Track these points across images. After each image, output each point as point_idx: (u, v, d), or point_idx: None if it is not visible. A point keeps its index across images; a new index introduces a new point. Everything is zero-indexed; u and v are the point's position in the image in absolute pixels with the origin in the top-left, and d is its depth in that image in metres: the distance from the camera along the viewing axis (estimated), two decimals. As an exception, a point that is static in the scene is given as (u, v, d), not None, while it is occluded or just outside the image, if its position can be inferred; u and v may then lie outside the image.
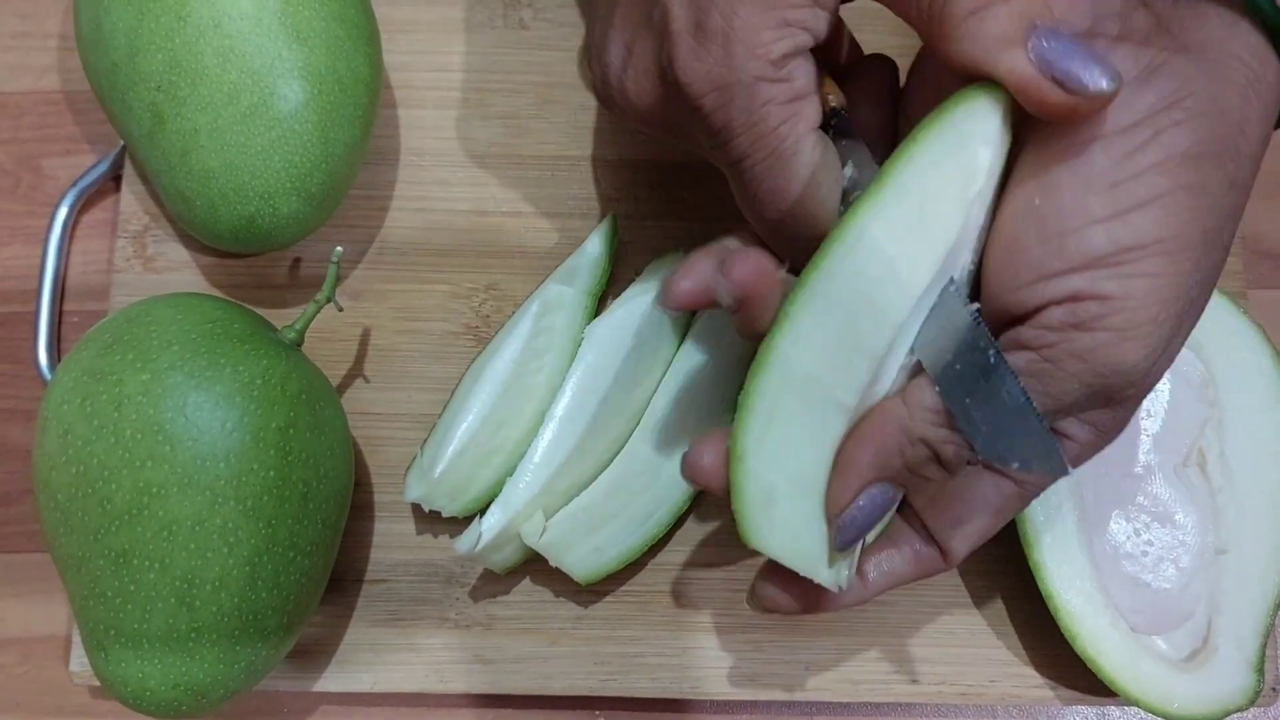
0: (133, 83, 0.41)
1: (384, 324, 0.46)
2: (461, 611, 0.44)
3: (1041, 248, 0.29)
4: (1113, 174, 0.28)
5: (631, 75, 0.34)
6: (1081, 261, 0.28)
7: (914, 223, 0.30)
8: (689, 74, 0.32)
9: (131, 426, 0.37)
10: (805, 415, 0.32)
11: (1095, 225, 0.28)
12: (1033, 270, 0.29)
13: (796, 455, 0.32)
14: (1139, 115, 0.28)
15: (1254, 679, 0.41)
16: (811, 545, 0.32)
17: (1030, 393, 0.29)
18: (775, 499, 0.32)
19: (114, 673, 0.38)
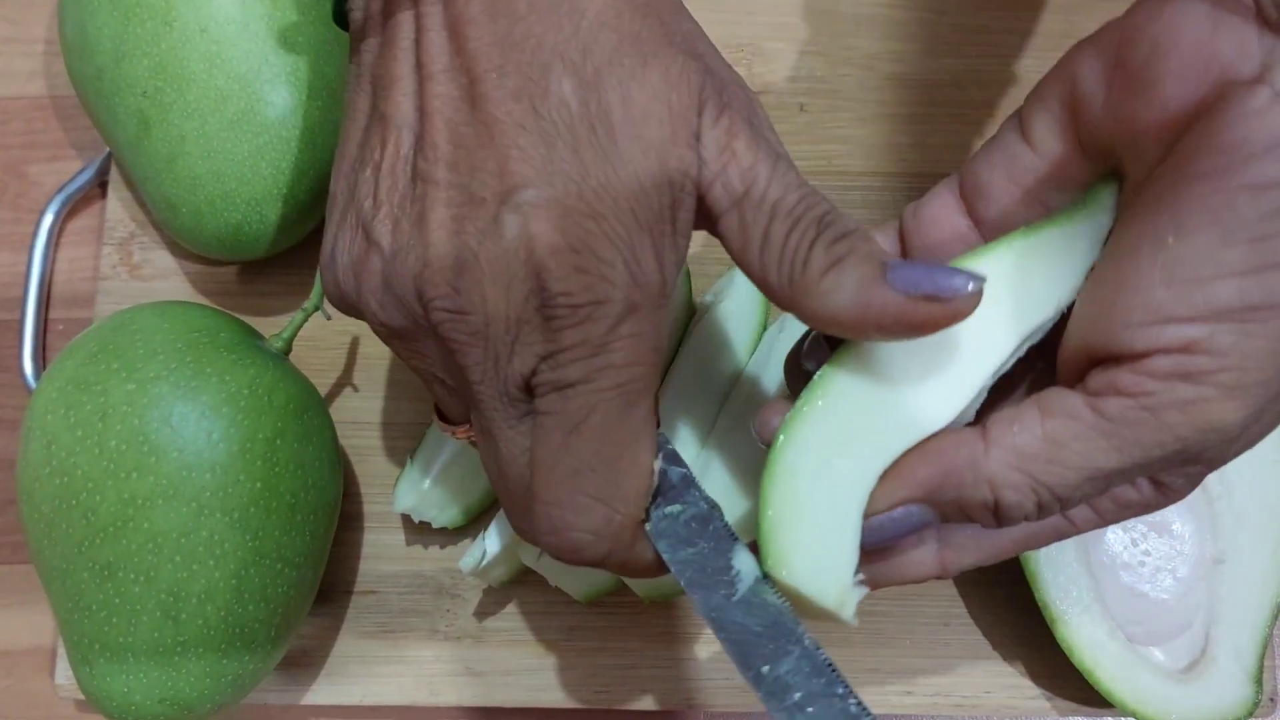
0: (118, 88, 0.40)
1: (372, 332, 0.46)
2: (452, 623, 0.44)
3: (1166, 290, 0.28)
4: (1258, 228, 0.27)
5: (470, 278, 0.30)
6: (1205, 312, 0.27)
7: None
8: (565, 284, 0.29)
9: (116, 437, 0.36)
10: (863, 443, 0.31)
11: (1230, 278, 0.27)
12: (1151, 311, 0.28)
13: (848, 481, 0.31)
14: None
15: (1252, 689, 0.41)
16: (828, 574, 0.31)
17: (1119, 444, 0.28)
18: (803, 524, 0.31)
19: (99, 686, 0.37)
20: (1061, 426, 0.29)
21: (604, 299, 0.29)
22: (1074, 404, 0.29)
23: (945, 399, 0.31)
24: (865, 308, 0.29)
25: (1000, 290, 0.31)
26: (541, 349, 0.30)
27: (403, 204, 0.30)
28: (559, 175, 0.29)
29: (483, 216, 0.29)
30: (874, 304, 0.29)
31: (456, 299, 0.30)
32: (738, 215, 0.30)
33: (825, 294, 0.29)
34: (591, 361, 0.30)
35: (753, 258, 0.30)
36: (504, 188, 0.29)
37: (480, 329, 0.30)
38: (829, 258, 0.29)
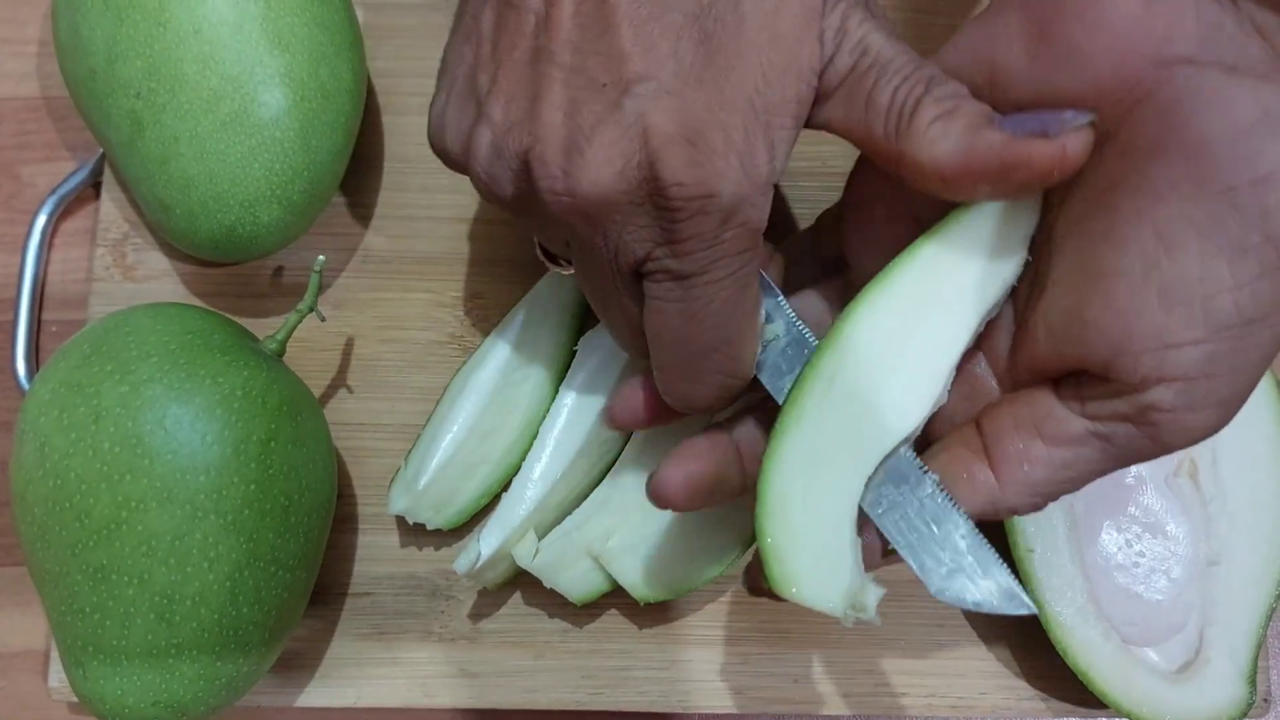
0: (111, 89, 0.40)
1: (367, 333, 0.46)
2: (446, 625, 0.44)
3: (1165, 314, 0.28)
4: (1243, 239, 0.27)
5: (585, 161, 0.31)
6: (1205, 333, 0.27)
7: None
8: (681, 174, 0.30)
9: (110, 439, 0.36)
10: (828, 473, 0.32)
11: (1224, 294, 0.27)
12: (1153, 337, 0.28)
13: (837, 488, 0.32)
14: (1268, 167, 0.27)
15: (1246, 690, 0.41)
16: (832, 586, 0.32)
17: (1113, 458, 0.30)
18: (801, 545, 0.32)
19: (92, 690, 0.37)
20: (1070, 455, 0.30)
21: (714, 192, 0.30)
22: (1078, 431, 0.30)
23: (917, 395, 0.32)
24: (970, 151, 0.29)
25: (950, 274, 0.31)
26: (656, 237, 0.31)
27: (519, 82, 0.31)
28: (681, 67, 0.30)
29: (600, 102, 0.30)
30: (979, 146, 0.29)
31: (566, 181, 0.30)
32: (845, 89, 0.31)
33: (932, 141, 0.29)
34: (707, 254, 0.31)
35: (857, 117, 0.31)
36: (625, 76, 0.30)
37: (589, 212, 0.31)
38: (938, 108, 0.29)
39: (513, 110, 0.31)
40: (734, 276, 0.31)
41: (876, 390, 0.32)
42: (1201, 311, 0.27)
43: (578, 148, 0.30)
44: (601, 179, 0.30)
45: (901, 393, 0.32)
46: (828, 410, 0.32)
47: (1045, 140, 0.28)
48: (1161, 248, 0.28)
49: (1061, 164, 0.28)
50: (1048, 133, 0.28)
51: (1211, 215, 0.27)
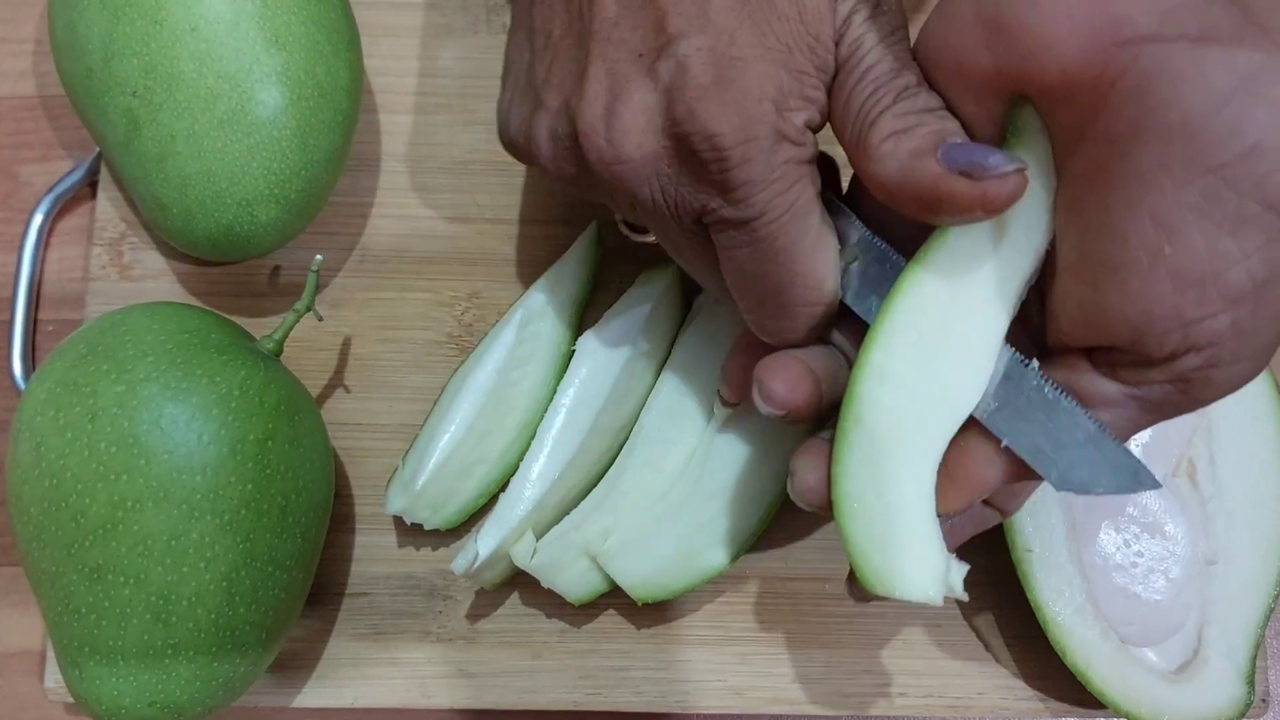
0: (108, 88, 0.40)
1: (365, 333, 0.46)
2: (444, 625, 0.44)
3: (1180, 296, 0.28)
4: (1245, 208, 0.27)
5: (623, 127, 0.32)
6: (1222, 305, 0.28)
7: None
8: (718, 124, 0.31)
9: (106, 439, 0.36)
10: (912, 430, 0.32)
11: (1235, 267, 0.27)
12: (1172, 319, 0.28)
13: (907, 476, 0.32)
14: (1256, 135, 0.26)
15: (1244, 690, 0.41)
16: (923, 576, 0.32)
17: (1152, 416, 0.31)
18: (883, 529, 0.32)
19: (88, 690, 0.37)
20: (1112, 416, 0.31)
21: (754, 136, 0.31)
22: (1114, 394, 0.31)
23: (971, 373, 0.32)
24: (907, 177, 0.30)
25: (982, 250, 0.32)
26: (709, 189, 0.32)
27: (568, 66, 0.34)
28: (714, 26, 0.31)
29: (639, 68, 0.32)
30: (915, 174, 0.30)
31: (611, 149, 0.32)
32: (836, 81, 0.32)
33: (879, 159, 0.31)
34: (761, 197, 0.32)
35: (836, 114, 0.32)
36: (661, 41, 0.32)
37: (639, 173, 0.33)
38: (895, 124, 0.31)
39: (563, 93, 0.34)
40: (792, 211, 0.32)
41: (929, 378, 0.32)
42: (1215, 287, 0.28)
43: (615, 113, 0.32)
44: (644, 140, 0.32)
45: (954, 374, 0.32)
46: (883, 404, 0.32)
47: (970, 182, 0.29)
48: (1163, 235, 0.28)
49: (985, 205, 0.29)
50: (973, 175, 0.29)
51: (1206, 194, 0.27)
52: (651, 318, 0.43)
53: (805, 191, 0.32)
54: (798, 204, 0.32)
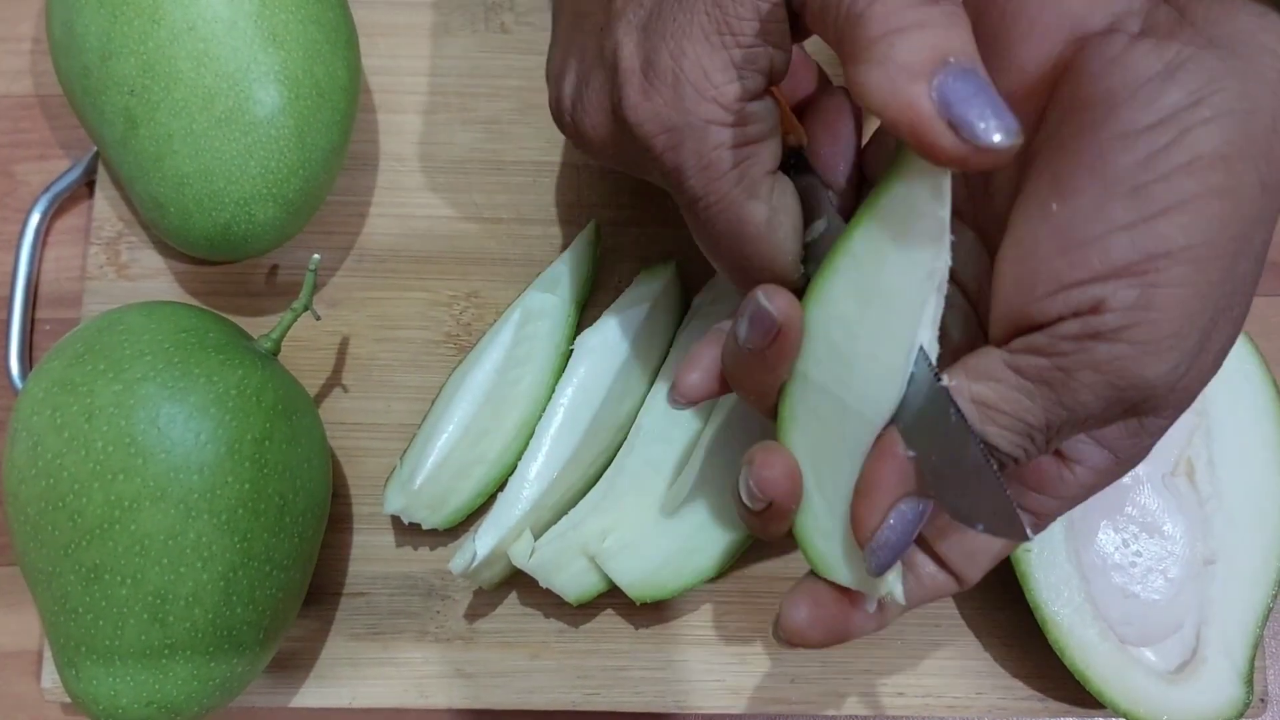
0: (105, 87, 0.40)
1: (363, 332, 0.46)
2: (442, 625, 0.44)
3: (1061, 258, 0.27)
4: (1136, 176, 0.27)
5: (585, 108, 0.33)
6: (1104, 271, 0.27)
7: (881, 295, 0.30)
8: (638, 114, 0.31)
9: (103, 439, 0.36)
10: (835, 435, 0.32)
11: (1118, 232, 0.27)
12: (1052, 281, 0.27)
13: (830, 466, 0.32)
14: (1163, 113, 0.27)
15: (1243, 690, 0.41)
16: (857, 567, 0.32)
17: (1044, 405, 0.28)
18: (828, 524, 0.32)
19: (85, 690, 0.37)
20: (987, 389, 0.28)
21: (675, 126, 0.31)
22: (996, 366, 0.28)
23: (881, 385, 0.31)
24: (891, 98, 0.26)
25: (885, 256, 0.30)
26: (658, 169, 0.32)
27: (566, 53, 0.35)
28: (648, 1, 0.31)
29: (594, 49, 0.33)
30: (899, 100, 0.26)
31: (575, 129, 0.34)
32: None
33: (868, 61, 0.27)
34: (692, 183, 0.32)
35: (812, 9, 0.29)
36: (608, 18, 0.32)
37: (604, 152, 0.34)
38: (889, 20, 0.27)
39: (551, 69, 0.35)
40: (729, 197, 0.31)
41: (843, 384, 0.31)
42: (1095, 252, 0.27)
43: (580, 95, 0.33)
44: (598, 123, 0.33)
45: (867, 383, 0.31)
46: (810, 406, 0.32)
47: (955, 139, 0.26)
48: (1055, 192, 0.28)
49: (962, 166, 0.26)
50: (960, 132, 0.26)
51: (1104, 156, 0.27)
52: (650, 317, 0.43)
53: (745, 177, 0.31)
54: (737, 189, 0.31)
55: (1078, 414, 0.28)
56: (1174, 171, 0.26)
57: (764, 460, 0.32)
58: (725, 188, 0.31)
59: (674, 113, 0.31)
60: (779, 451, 0.32)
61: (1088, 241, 0.27)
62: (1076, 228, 0.27)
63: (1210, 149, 0.26)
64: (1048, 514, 0.32)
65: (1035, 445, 0.29)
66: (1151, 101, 0.27)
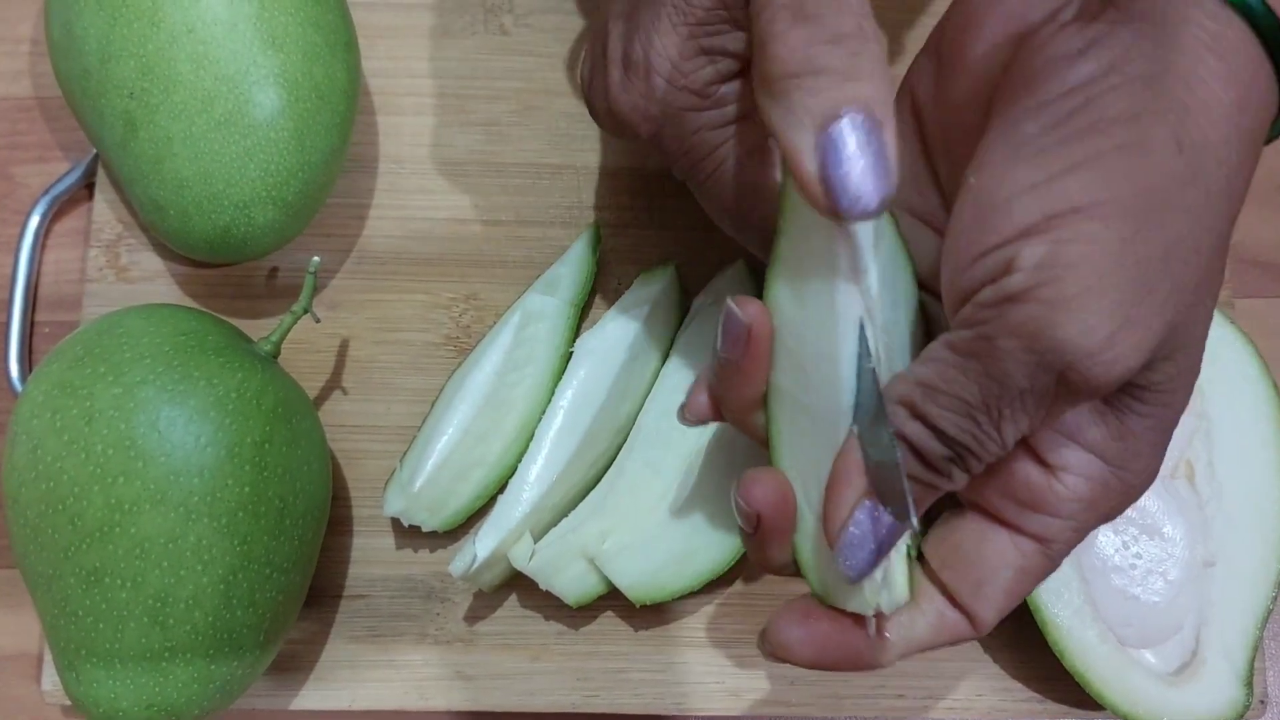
0: (104, 89, 0.40)
1: (363, 335, 0.46)
2: (442, 627, 0.44)
3: (976, 226, 0.27)
4: (1042, 140, 0.27)
5: (594, 91, 0.35)
6: (1012, 233, 0.26)
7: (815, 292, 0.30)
8: (619, 105, 0.33)
9: (102, 442, 0.36)
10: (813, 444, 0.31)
11: (1024, 194, 0.26)
12: (971, 250, 0.27)
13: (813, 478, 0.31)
14: (1072, 84, 0.27)
15: (1243, 692, 0.41)
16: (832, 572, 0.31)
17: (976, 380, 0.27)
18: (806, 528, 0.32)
19: (85, 693, 0.37)
20: (928, 370, 0.28)
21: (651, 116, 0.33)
22: (937, 347, 0.28)
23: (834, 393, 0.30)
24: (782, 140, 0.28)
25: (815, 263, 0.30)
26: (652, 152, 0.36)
27: None
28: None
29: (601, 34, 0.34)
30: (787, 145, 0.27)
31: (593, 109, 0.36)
32: None
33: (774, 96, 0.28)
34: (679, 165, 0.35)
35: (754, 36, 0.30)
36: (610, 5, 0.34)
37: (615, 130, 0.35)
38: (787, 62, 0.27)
39: None
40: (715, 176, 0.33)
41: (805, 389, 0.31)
42: (1002, 215, 0.27)
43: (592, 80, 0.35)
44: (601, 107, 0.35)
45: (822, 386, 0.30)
46: (789, 421, 0.32)
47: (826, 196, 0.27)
48: (974, 167, 0.28)
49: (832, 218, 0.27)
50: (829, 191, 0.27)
51: (1014, 123, 0.27)
52: (649, 319, 0.43)
53: (730, 156, 0.32)
54: (720, 171, 0.33)
55: (1008, 386, 0.27)
56: (1080, 132, 0.26)
57: (751, 477, 0.32)
58: (710, 168, 0.33)
59: (650, 103, 0.32)
60: (768, 470, 0.32)
61: (997, 206, 0.27)
62: (988, 195, 0.27)
63: (1116, 110, 0.26)
64: (1054, 538, 0.31)
65: (981, 429, 0.28)
66: (1064, 75, 0.27)
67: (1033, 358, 0.26)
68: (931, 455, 0.29)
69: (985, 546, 0.31)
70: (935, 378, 0.28)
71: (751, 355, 0.31)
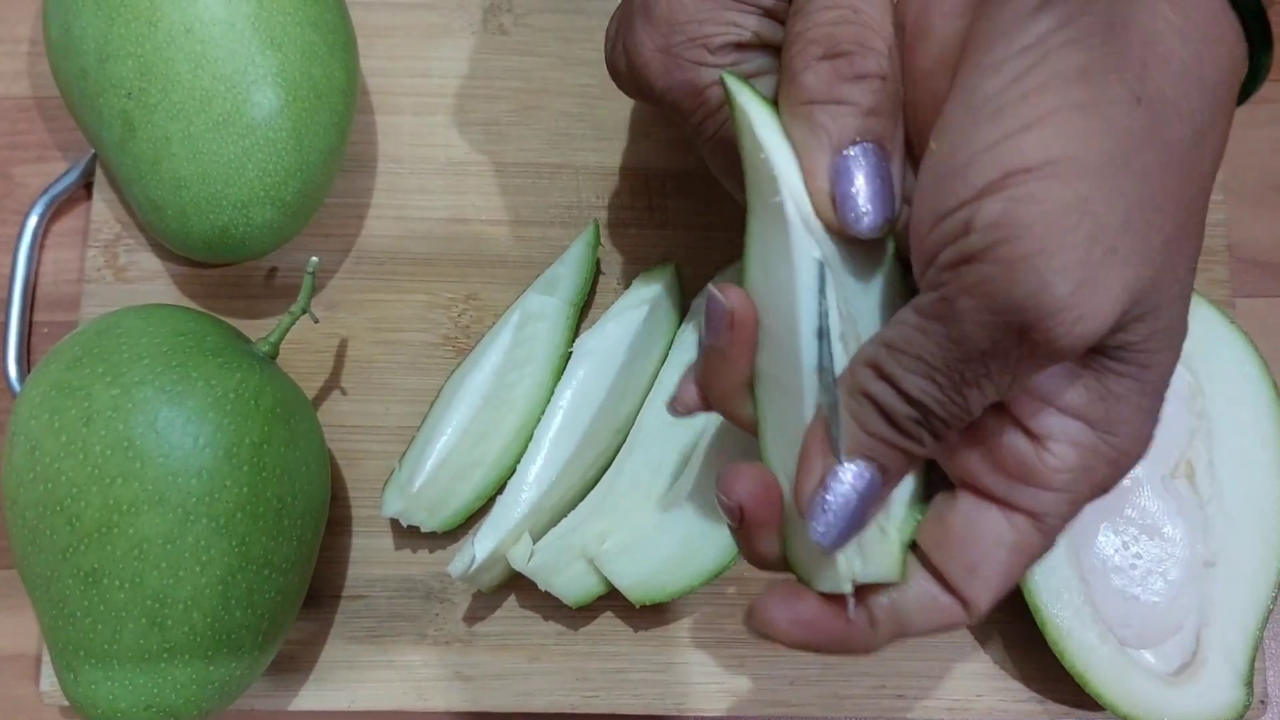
0: (103, 89, 0.40)
1: (361, 335, 0.46)
2: (441, 628, 0.44)
3: (937, 189, 0.27)
4: (998, 100, 0.26)
5: (618, 48, 0.36)
6: (969, 194, 0.26)
7: None
8: (638, 56, 0.34)
9: (101, 442, 0.36)
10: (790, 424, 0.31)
11: (982, 154, 0.26)
12: (933, 212, 0.27)
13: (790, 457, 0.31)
14: (1028, 41, 0.27)
15: (1243, 692, 0.41)
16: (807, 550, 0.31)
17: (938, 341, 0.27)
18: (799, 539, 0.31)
19: (84, 694, 0.37)
20: (893, 332, 0.28)
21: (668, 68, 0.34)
22: (905, 311, 0.28)
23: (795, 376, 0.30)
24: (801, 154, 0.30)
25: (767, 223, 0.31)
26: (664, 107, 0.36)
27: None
28: None
29: None
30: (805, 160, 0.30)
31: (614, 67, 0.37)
32: None
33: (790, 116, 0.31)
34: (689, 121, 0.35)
35: None
36: None
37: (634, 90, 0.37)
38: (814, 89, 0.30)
39: None
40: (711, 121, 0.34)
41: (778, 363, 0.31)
42: (962, 177, 0.26)
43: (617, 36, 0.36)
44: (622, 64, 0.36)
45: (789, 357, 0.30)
46: (770, 402, 0.32)
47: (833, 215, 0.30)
48: (936, 129, 0.28)
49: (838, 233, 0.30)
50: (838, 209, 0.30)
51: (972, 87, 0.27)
52: (648, 320, 0.43)
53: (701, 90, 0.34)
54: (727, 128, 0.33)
55: (968, 347, 0.27)
56: (1036, 89, 0.26)
57: (732, 470, 0.31)
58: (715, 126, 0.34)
59: (666, 56, 0.33)
60: (749, 464, 0.32)
61: (956, 169, 0.27)
62: (948, 158, 0.27)
63: (1073, 65, 0.26)
64: (1047, 511, 0.30)
65: (943, 391, 0.28)
66: (1022, 30, 0.27)
67: (991, 318, 0.26)
68: (897, 416, 0.28)
69: (978, 525, 0.30)
70: (898, 338, 0.28)
71: (736, 341, 0.31)
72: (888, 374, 0.28)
